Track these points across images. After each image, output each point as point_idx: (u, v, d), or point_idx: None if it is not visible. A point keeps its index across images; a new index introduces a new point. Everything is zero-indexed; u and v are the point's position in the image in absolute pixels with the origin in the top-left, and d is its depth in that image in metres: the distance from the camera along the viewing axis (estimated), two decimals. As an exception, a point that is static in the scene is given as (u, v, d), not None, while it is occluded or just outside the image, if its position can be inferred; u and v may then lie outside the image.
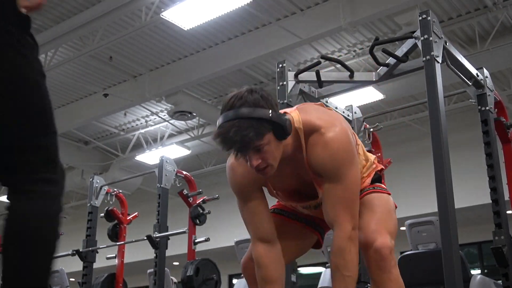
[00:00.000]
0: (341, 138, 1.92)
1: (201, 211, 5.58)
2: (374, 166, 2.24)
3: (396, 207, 2.21)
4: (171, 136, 10.77)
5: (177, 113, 9.28)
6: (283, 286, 2.08)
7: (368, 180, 2.17)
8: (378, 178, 2.22)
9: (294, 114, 1.97)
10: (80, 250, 5.78)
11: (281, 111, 1.97)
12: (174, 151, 10.36)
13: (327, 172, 1.94)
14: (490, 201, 3.23)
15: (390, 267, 1.96)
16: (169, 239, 5.29)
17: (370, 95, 8.20)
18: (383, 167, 2.29)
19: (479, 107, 3.35)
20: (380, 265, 1.95)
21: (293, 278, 2.94)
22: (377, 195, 2.12)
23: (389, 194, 2.19)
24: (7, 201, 1.44)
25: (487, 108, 3.32)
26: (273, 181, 2.07)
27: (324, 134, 1.91)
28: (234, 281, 12.11)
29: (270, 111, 1.83)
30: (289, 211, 2.26)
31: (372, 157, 2.27)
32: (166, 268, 5.24)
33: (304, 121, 1.95)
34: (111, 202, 6.19)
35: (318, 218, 2.20)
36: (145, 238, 5.17)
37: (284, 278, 2.09)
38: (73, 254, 5.90)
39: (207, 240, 5.36)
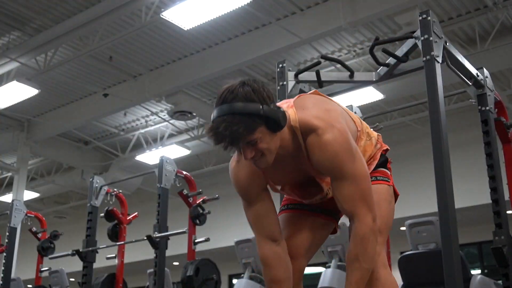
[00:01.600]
0: (339, 139, 1.89)
1: (201, 211, 5.58)
2: (378, 146, 2.19)
3: (398, 195, 2.18)
4: (171, 136, 10.77)
5: (177, 113, 9.28)
6: (291, 285, 2.07)
7: (374, 164, 2.14)
8: (384, 161, 2.18)
9: (291, 112, 1.94)
10: (80, 250, 5.77)
11: (278, 104, 1.95)
12: (174, 151, 10.36)
13: (332, 172, 1.92)
14: (490, 201, 3.23)
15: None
16: (169, 239, 5.28)
17: (370, 95, 8.20)
18: (388, 148, 2.24)
19: (479, 107, 3.34)
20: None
21: (293, 278, 2.93)
22: (376, 188, 2.07)
23: (390, 183, 2.15)
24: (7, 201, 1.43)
25: (487, 108, 3.31)
26: (276, 178, 2.06)
27: (321, 136, 1.88)
28: (234, 281, 12.10)
29: (261, 106, 1.81)
30: (302, 203, 2.23)
31: (375, 134, 2.21)
32: (166, 268, 5.24)
33: (300, 120, 1.92)
34: (111, 202, 6.18)
35: (331, 205, 2.17)
36: (145, 238, 5.16)
37: (291, 278, 2.07)
38: (73, 254, 5.90)
39: (207, 240, 5.36)
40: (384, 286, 1.98)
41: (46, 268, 7.04)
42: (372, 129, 2.28)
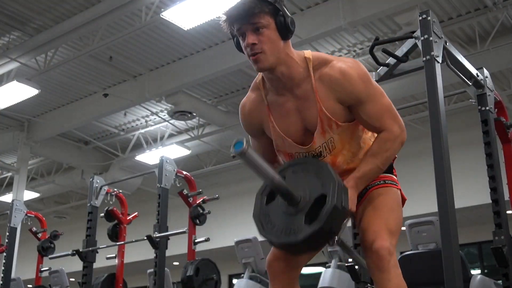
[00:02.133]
0: (353, 65, 2.00)
1: (201, 211, 5.58)
2: None
3: (405, 200, 2.20)
4: (171, 136, 10.77)
5: (177, 113, 9.28)
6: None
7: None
8: (390, 167, 2.20)
9: (306, 51, 2.06)
10: (80, 250, 5.77)
11: None
12: (174, 151, 10.36)
13: (357, 99, 2.00)
14: (490, 201, 3.23)
15: (388, 267, 1.94)
16: (169, 239, 5.28)
17: (370, 95, 8.20)
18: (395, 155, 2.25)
19: (479, 107, 3.34)
20: (378, 266, 1.94)
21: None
22: (384, 190, 2.10)
23: (398, 187, 2.17)
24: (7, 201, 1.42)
25: (487, 108, 3.31)
26: (276, 120, 2.09)
27: (335, 65, 1.99)
28: (234, 281, 12.11)
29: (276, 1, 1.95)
30: None
31: None
32: (166, 268, 5.24)
33: (314, 53, 2.04)
34: (111, 202, 6.18)
35: None
36: (145, 238, 5.16)
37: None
38: (73, 254, 5.90)
39: (207, 240, 5.36)
40: (398, 286, 1.97)
41: (46, 268, 7.05)
42: None
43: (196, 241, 5.47)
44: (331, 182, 1.90)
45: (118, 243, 6.03)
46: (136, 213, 6.42)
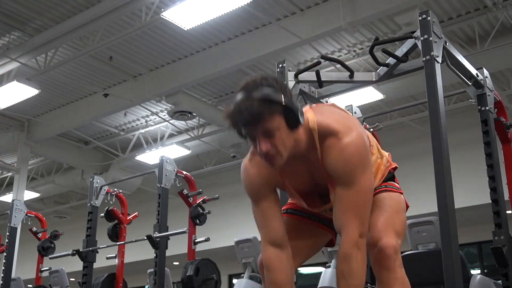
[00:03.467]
0: (357, 144, 1.90)
1: (201, 211, 5.58)
2: (388, 164, 2.23)
3: (408, 207, 2.21)
4: (171, 136, 10.77)
5: (177, 113, 9.28)
6: None
7: (381, 179, 2.17)
8: (391, 177, 2.21)
9: (309, 114, 1.95)
10: (80, 250, 5.77)
11: None
12: (174, 151, 10.36)
13: (340, 176, 1.91)
14: (490, 201, 3.23)
15: (394, 266, 1.96)
16: (169, 239, 5.28)
17: (370, 95, 8.20)
18: (397, 166, 2.28)
19: (479, 107, 3.35)
20: (384, 264, 1.96)
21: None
22: (388, 194, 2.12)
23: (401, 193, 2.18)
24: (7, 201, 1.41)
25: (487, 108, 3.32)
26: (288, 180, 2.06)
27: (341, 139, 1.89)
28: (234, 281, 12.10)
29: (283, 95, 1.82)
30: (303, 210, 2.25)
31: (386, 154, 2.26)
32: (166, 268, 5.24)
33: (319, 122, 1.93)
34: (111, 202, 6.18)
35: (331, 216, 2.18)
36: (145, 238, 5.16)
37: (293, 284, 2.07)
38: (73, 254, 5.90)
39: (207, 240, 5.36)
40: (403, 285, 2.00)
41: (46, 268, 7.04)
42: (372, 130, 2.30)
43: (196, 241, 5.47)
44: None
45: (118, 243, 6.03)
46: (136, 213, 6.42)
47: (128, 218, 6.27)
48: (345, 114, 2.03)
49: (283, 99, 1.81)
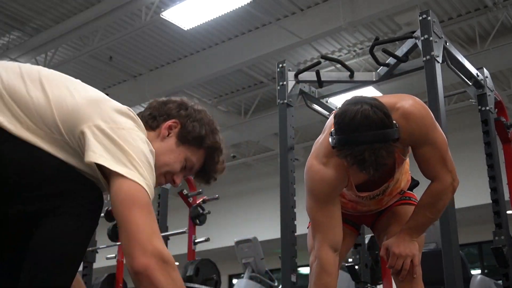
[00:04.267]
0: (417, 106, 1.98)
1: (201, 211, 5.58)
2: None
3: None
4: (171, 136, 10.76)
5: (177, 113, 9.28)
6: None
7: (407, 184, 2.27)
8: (416, 184, 2.32)
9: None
10: (80, 250, 5.77)
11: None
12: (174, 151, 10.34)
13: (418, 140, 2.00)
14: (490, 201, 3.23)
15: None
16: (169, 239, 5.28)
17: (370, 95, 8.19)
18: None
19: (479, 107, 3.34)
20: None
21: (293, 278, 2.94)
22: (409, 209, 2.19)
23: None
24: None
25: (487, 108, 3.31)
26: (358, 181, 2.07)
27: (400, 108, 1.96)
28: (234, 281, 12.12)
29: (395, 130, 1.83)
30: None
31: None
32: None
33: (383, 101, 1.98)
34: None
35: (362, 217, 2.31)
36: (145, 238, 5.16)
37: None
38: (73, 254, 5.89)
39: (207, 240, 5.36)
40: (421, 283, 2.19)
41: (46, 268, 7.04)
42: None
43: (196, 241, 5.46)
44: None
45: (118, 243, 6.02)
46: (136, 213, 6.41)
47: (128, 218, 6.26)
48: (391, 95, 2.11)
49: (396, 134, 1.83)
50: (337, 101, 3.86)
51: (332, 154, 1.93)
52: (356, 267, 3.68)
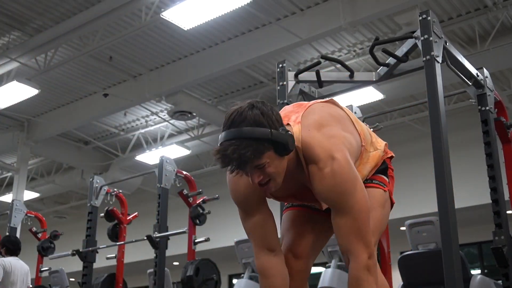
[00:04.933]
0: (339, 172, 1.84)
1: (201, 211, 5.58)
2: (383, 154, 2.18)
3: (393, 203, 2.18)
4: (171, 136, 10.77)
5: (177, 113, 9.28)
6: None
7: (374, 170, 2.13)
8: (384, 168, 2.17)
9: (296, 129, 1.91)
10: (80, 250, 5.77)
11: (291, 106, 1.96)
12: (174, 151, 10.35)
13: (332, 204, 1.89)
14: (490, 201, 3.23)
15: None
16: (169, 239, 5.28)
17: (370, 95, 8.20)
18: (393, 155, 2.24)
19: (479, 107, 3.35)
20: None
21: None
22: (369, 191, 2.04)
23: (385, 189, 2.14)
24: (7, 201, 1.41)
25: (487, 108, 3.32)
26: (278, 192, 2.01)
27: (321, 169, 1.85)
28: (234, 281, 12.09)
29: (270, 130, 1.77)
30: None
31: (382, 144, 2.20)
32: (166, 268, 5.24)
33: (303, 142, 1.89)
34: (111, 202, 6.18)
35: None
36: (145, 238, 5.16)
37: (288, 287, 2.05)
38: (73, 254, 5.90)
39: (207, 240, 5.36)
40: (382, 285, 2.02)
41: (46, 268, 7.05)
42: (372, 130, 2.28)
43: (196, 241, 5.47)
44: None
45: (118, 243, 6.03)
46: (136, 213, 6.42)
47: (128, 218, 6.27)
48: (331, 131, 1.94)
49: (270, 135, 1.77)
50: (337, 101, 3.86)
51: None
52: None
